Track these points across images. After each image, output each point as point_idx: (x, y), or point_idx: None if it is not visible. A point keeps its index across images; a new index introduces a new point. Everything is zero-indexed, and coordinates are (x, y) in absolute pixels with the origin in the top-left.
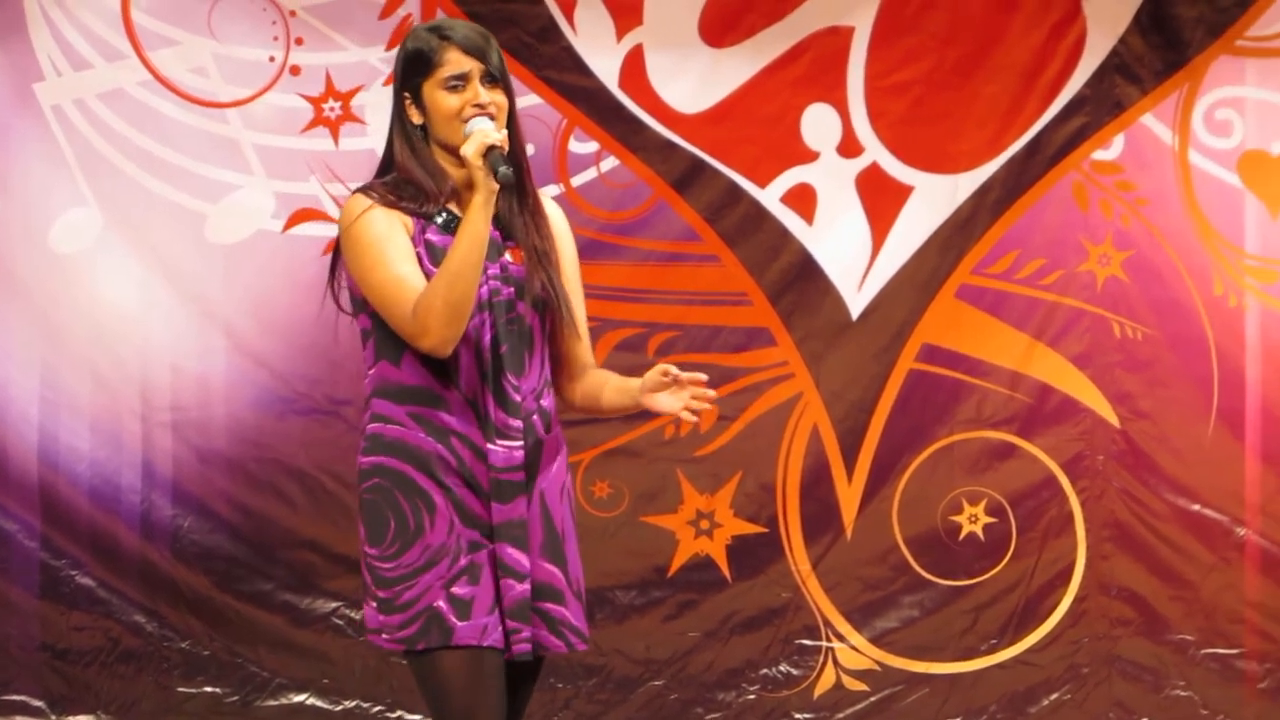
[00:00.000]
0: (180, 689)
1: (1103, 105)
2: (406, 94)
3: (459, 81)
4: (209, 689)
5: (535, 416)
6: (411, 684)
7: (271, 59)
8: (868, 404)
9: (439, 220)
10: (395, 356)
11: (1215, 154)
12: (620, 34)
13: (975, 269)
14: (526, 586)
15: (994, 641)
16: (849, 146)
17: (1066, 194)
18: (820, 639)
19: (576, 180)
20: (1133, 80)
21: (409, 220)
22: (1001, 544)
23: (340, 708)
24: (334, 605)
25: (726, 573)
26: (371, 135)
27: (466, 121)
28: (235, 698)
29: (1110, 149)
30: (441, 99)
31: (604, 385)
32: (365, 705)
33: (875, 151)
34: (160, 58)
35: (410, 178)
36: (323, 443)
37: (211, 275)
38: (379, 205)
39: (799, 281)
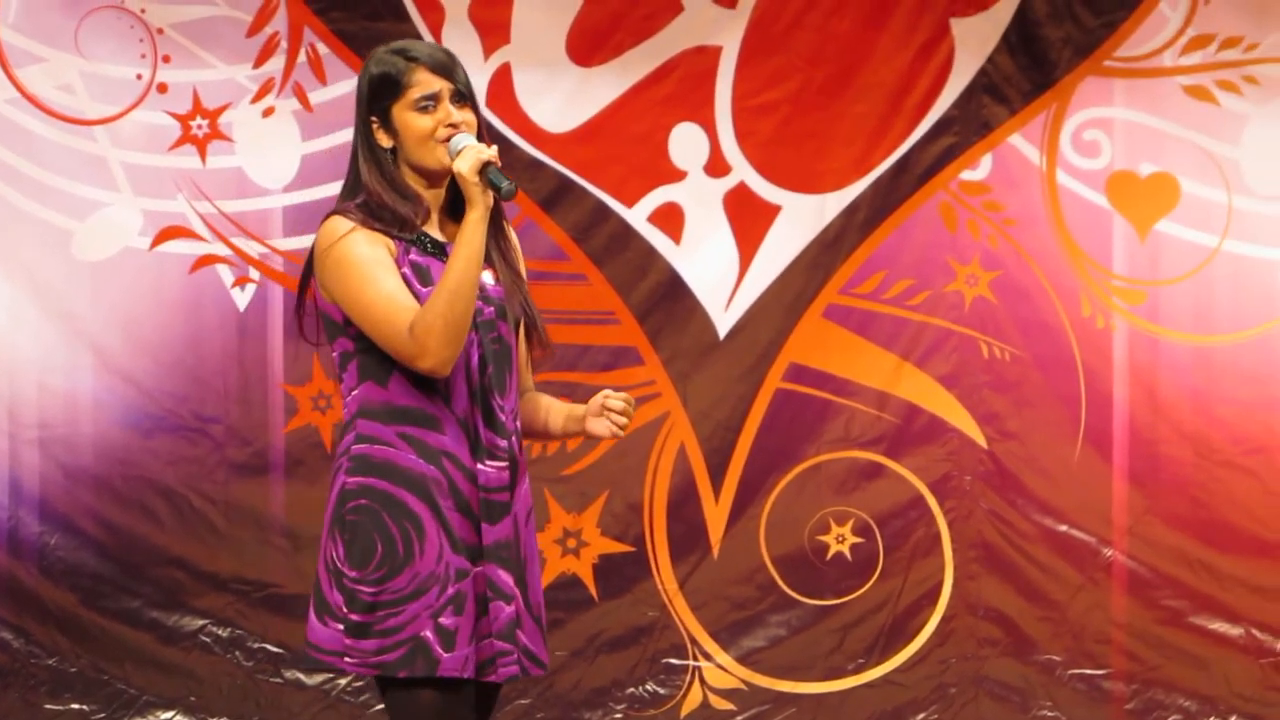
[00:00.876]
0: (47, 706)
1: (970, 125)
2: (374, 118)
3: (429, 102)
4: (76, 706)
5: (514, 437)
6: (278, 701)
7: (139, 76)
8: (735, 423)
9: (420, 243)
10: (382, 377)
11: (1083, 175)
12: (488, 53)
13: (843, 289)
14: (514, 608)
15: (861, 661)
16: (716, 166)
17: (934, 214)
18: (687, 658)
19: None
20: (1001, 100)
21: (391, 243)
22: (869, 564)
23: None
24: (201, 623)
25: (594, 592)
26: (239, 154)
27: (443, 142)
28: (102, 715)
29: (978, 169)
30: (413, 120)
31: (545, 409)
32: None
33: (743, 171)
34: (27, 75)
35: (382, 202)
36: (190, 460)
37: (79, 292)
38: (361, 228)
39: (666, 301)
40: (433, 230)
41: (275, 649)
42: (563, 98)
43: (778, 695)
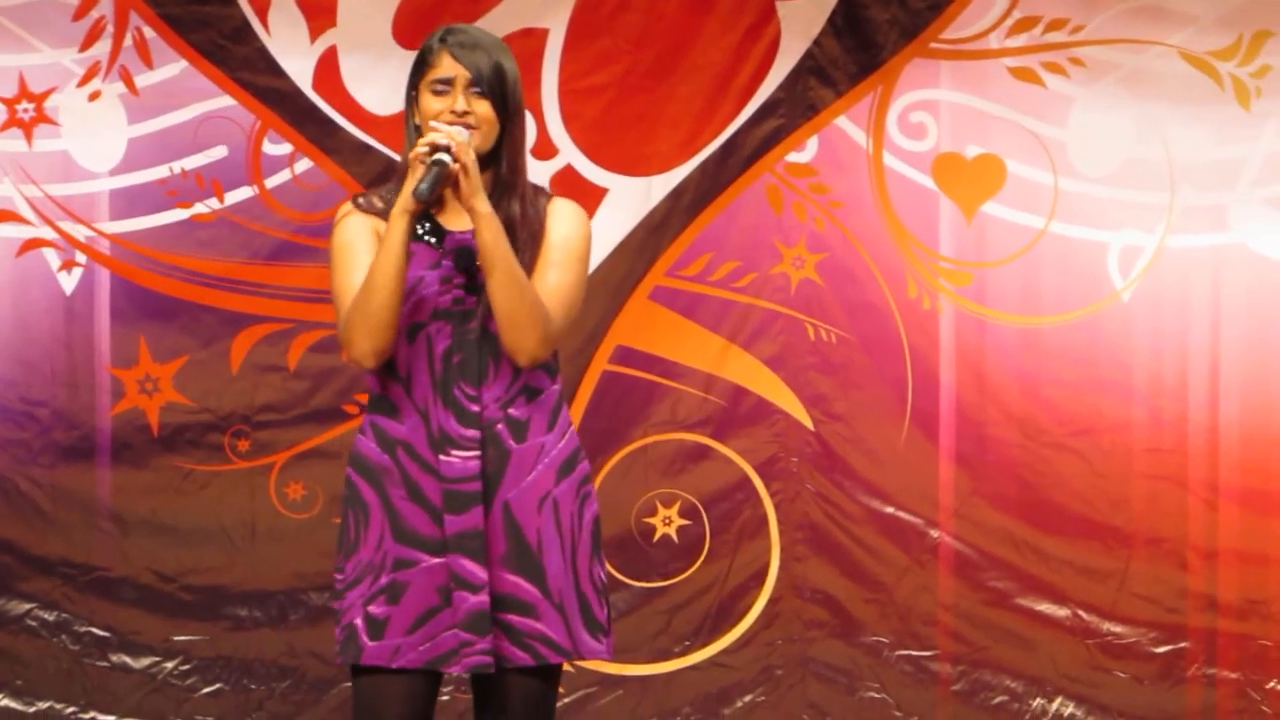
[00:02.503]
0: None
1: (797, 108)
2: (413, 92)
3: (444, 86)
4: None
5: (500, 426)
6: (104, 685)
7: None
8: None
9: (420, 227)
10: None
11: (909, 157)
12: (314, 35)
13: (669, 271)
14: (483, 598)
15: (688, 643)
16: (544, 149)
17: (761, 197)
18: None
19: (270, 182)
20: (827, 83)
21: (376, 226)
22: (695, 546)
23: (34, 709)
24: (28, 607)
25: None
26: (65, 137)
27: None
28: None
29: (804, 151)
30: (427, 101)
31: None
32: (59, 706)
33: (570, 154)
34: None
35: (404, 177)
36: (16, 444)
37: None
38: (357, 212)
39: None
40: (446, 216)
41: (102, 633)
42: (390, 81)
43: (604, 677)
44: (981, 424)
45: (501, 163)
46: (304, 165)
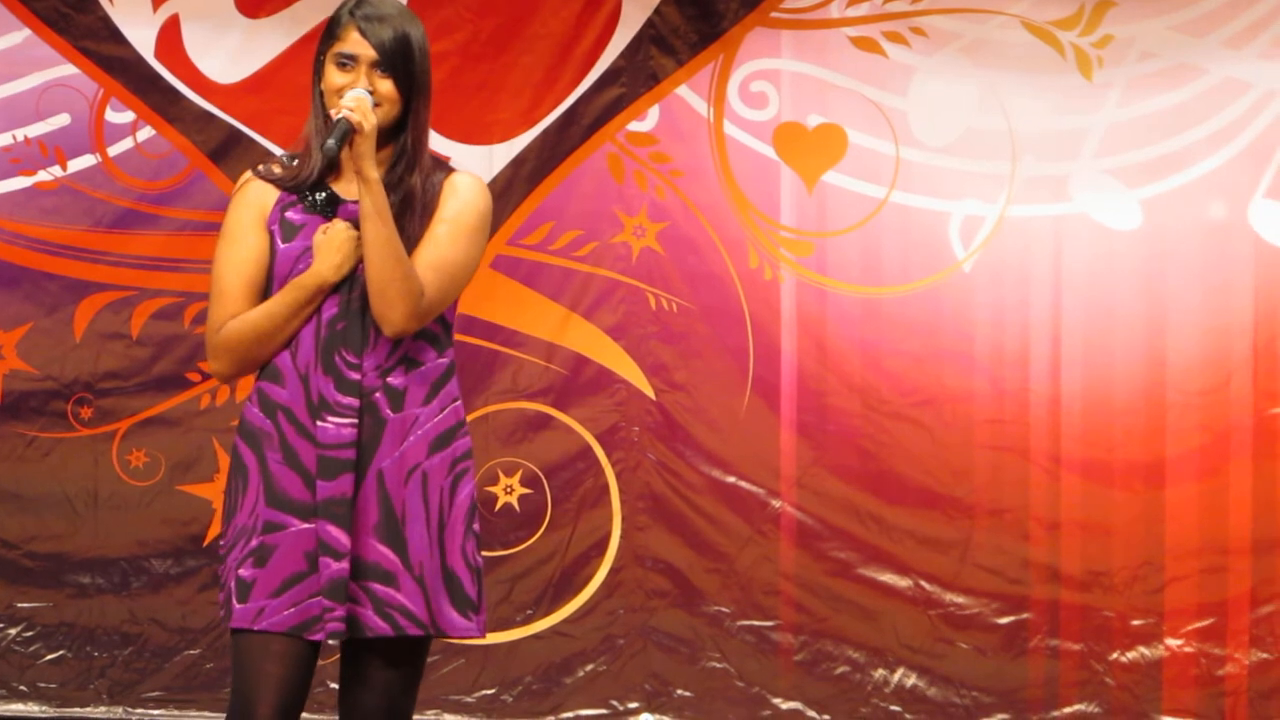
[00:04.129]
0: None
1: (638, 77)
2: (320, 59)
3: (348, 61)
4: None
5: (379, 394)
6: None
7: None
8: None
9: (312, 197)
10: None
11: (750, 126)
12: (156, 4)
13: (510, 240)
14: (344, 565)
15: (530, 612)
16: None
17: (602, 165)
18: None
19: (113, 150)
20: (668, 52)
21: (271, 199)
22: (537, 515)
23: None
24: None
25: None
26: None
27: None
28: None
29: (645, 121)
30: (330, 73)
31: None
32: None
33: None
34: None
35: (307, 146)
36: None
37: None
38: (255, 180)
39: None
40: (341, 185)
41: None
42: (232, 49)
43: (445, 646)
44: (823, 394)
45: (405, 137)
46: (146, 133)
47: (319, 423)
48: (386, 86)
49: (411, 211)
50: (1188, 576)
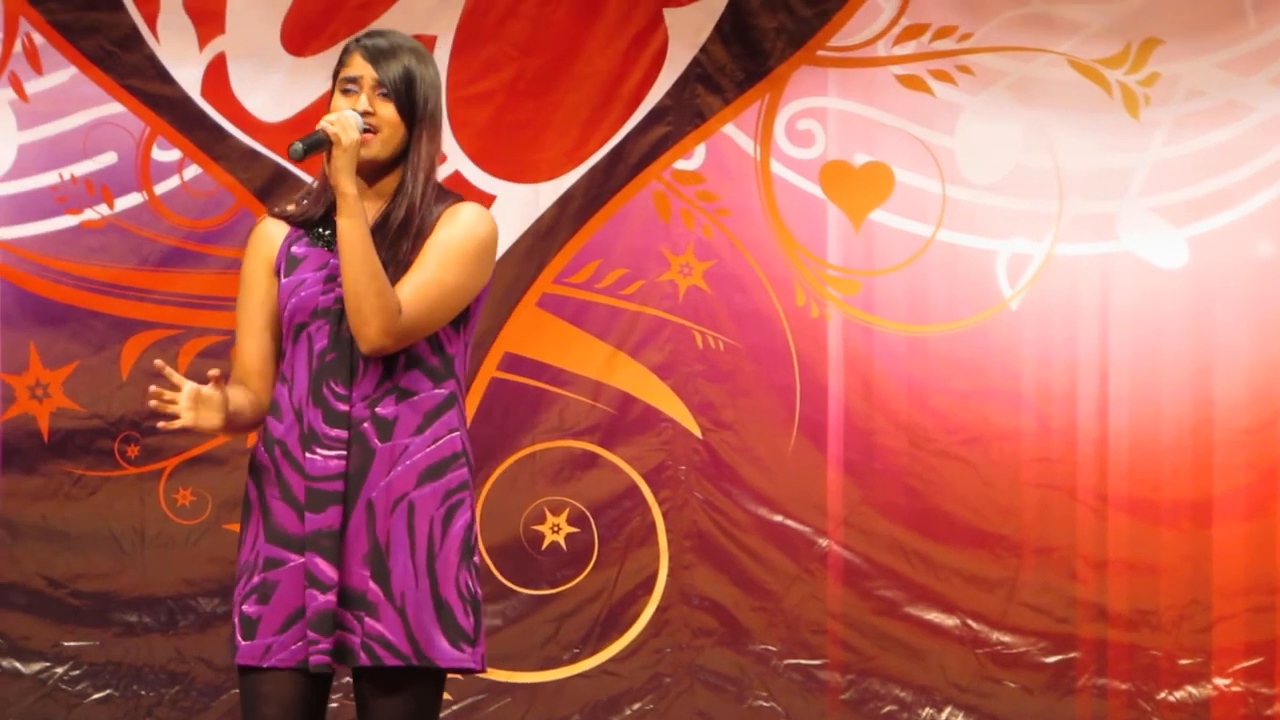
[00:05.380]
0: None
1: (684, 115)
2: (330, 92)
3: (352, 85)
4: None
5: (367, 424)
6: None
7: None
8: None
9: (316, 231)
10: None
11: (797, 164)
12: (203, 42)
13: (557, 278)
14: (330, 597)
15: (576, 651)
16: None
17: (648, 204)
18: None
19: (159, 188)
20: (714, 90)
21: (279, 237)
22: (584, 553)
23: None
24: None
25: None
26: None
27: None
28: None
29: (692, 159)
30: (335, 100)
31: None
32: None
33: (458, 160)
34: None
35: (322, 182)
36: None
37: None
38: (265, 220)
39: None
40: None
41: None
42: (278, 87)
43: (492, 685)
44: (870, 432)
45: (405, 165)
46: (193, 171)
47: (308, 454)
48: (388, 111)
49: (406, 236)
50: (1235, 615)
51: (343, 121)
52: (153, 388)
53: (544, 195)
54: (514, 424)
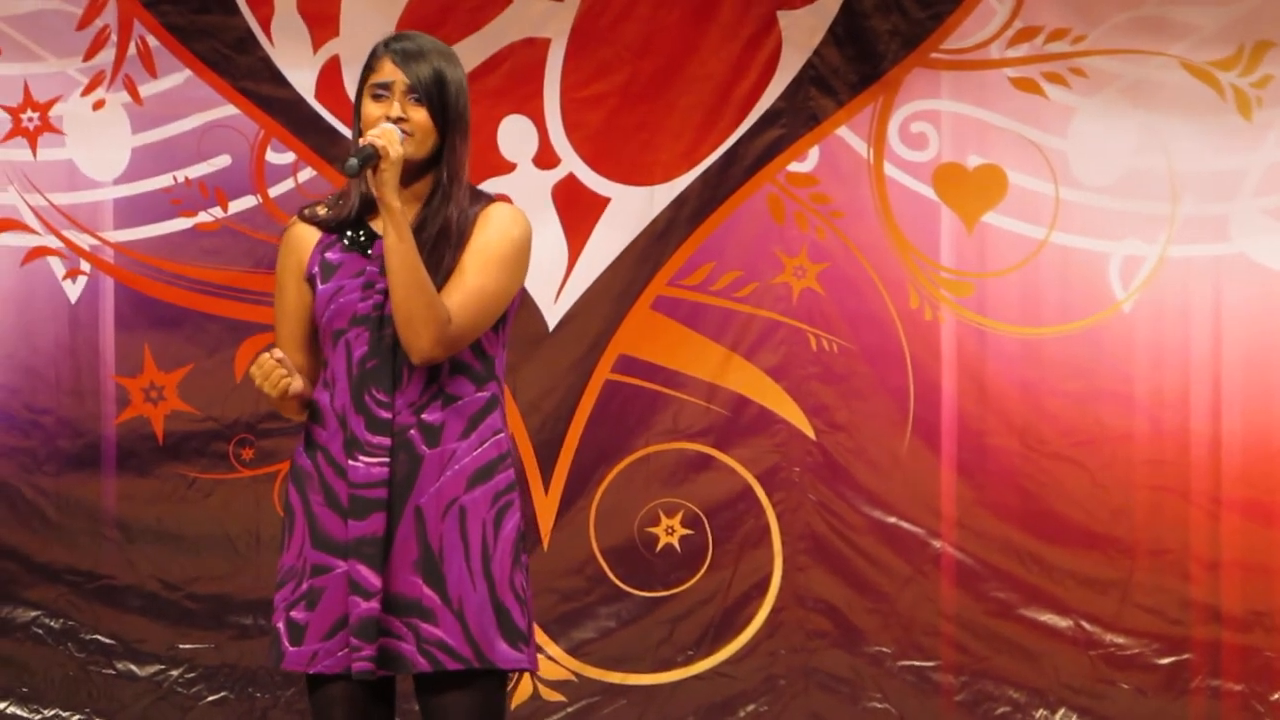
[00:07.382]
0: None
1: (798, 118)
2: (358, 98)
3: (383, 91)
4: None
5: (413, 431)
6: (110, 692)
7: None
8: (564, 415)
9: (350, 235)
10: None
11: (910, 167)
12: (317, 45)
13: (671, 280)
14: (374, 604)
15: (691, 653)
16: (545, 158)
17: (762, 206)
18: None
19: (274, 191)
20: (828, 93)
21: (311, 241)
22: (698, 555)
23: (40, 717)
24: (34, 614)
25: None
26: (70, 146)
27: None
28: None
29: (806, 161)
30: (367, 106)
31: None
32: (65, 714)
33: (571, 163)
34: None
35: (349, 186)
36: (22, 451)
37: None
38: (296, 224)
39: None
40: (379, 223)
41: (107, 640)
42: None
43: (607, 687)
44: (983, 434)
45: (441, 169)
46: (307, 174)
47: (351, 461)
48: (420, 115)
49: (447, 242)
50: None
51: (388, 136)
52: (277, 353)
53: (658, 198)
54: (628, 426)
